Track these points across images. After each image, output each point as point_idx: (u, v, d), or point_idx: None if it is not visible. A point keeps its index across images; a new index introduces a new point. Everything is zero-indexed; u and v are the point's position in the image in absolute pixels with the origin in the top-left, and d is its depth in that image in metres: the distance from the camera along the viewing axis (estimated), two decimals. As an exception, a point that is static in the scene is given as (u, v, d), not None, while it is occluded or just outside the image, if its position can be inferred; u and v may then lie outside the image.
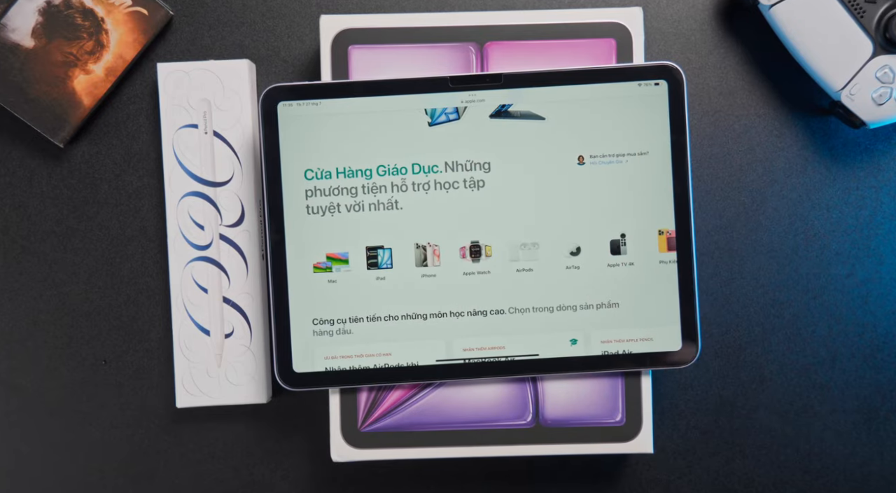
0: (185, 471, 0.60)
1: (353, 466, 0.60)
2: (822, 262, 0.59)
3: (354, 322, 0.55)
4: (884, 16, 0.54)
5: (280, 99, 0.54)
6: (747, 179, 0.59)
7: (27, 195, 0.59)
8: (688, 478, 0.60)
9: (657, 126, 0.54)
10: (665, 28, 0.59)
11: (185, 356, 0.57)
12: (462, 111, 0.54)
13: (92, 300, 0.60)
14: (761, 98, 0.59)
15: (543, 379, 0.56)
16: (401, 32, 0.55)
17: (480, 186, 0.54)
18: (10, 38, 0.57)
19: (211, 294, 0.57)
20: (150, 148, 0.59)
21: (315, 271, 0.55)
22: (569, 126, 0.54)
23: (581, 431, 0.56)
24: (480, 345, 0.55)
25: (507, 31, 0.56)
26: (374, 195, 0.55)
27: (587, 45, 0.55)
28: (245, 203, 0.57)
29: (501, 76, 0.54)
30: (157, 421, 0.60)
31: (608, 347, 0.55)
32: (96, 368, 0.60)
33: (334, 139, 0.54)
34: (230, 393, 0.57)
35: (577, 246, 0.54)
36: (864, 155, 0.59)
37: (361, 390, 0.56)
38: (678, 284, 0.54)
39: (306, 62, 0.59)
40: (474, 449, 0.56)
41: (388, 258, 0.55)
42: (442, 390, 0.56)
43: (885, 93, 0.55)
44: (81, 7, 0.57)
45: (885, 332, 0.59)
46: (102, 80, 0.58)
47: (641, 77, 0.54)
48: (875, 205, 0.59)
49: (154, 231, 0.59)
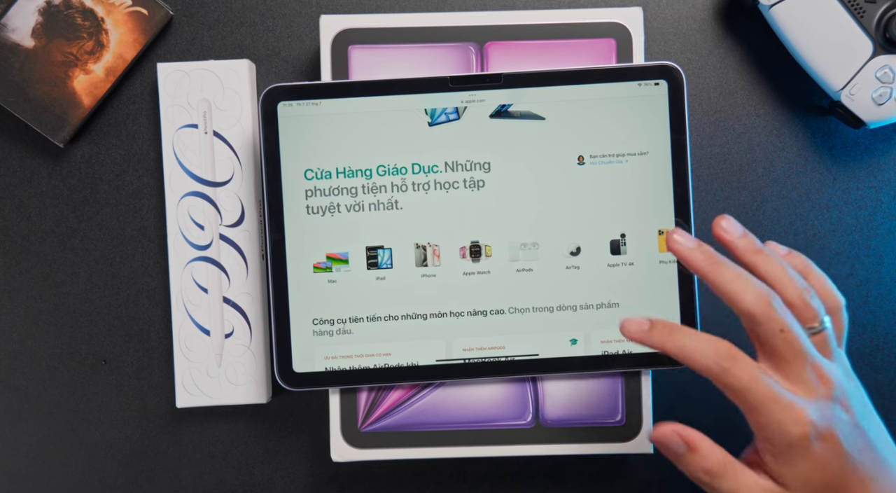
0: (185, 471, 0.60)
1: (353, 466, 0.60)
2: (822, 262, 0.59)
3: (354, 322, 0.55)
4: (884, 16, 0.54)
5: (280, 99, 0.54)
6: (747, 179, 0.59)
7: (27, 195, 0.59)
8: (687, 478, 0.60)
9: (657, 126, 0.54)
10: (665, 28, 0.59)
11: (185, 356, 0.57)
12: (462, 111, 0.54)
13: (92, 300, 0.60)
14: (761, 98, 0.59)
15: (543, 379, 0.56)
16: (401, 32, 0.55)
17: (480, 186, 0.54)
18: (10, 38, 0.57)
19: (211, 294, 0.57)
20: (150, 148, 0.59)
21: (315, 271, 0.55)
22: (569, 126, 0.54)
23: (581, 431, 0.56)
24: (480, 345, 0.55)
25: (507, 31, 0.56)
26: (374, 195, 0.55)
27: (587, 45, 0.55)
28: (245, 203, 0.57)
29: (501, 76, 0.54)
30: (157, 421, 0.60)
31: (608, 347, 0.55)
32: (96, 368, 0.60)
33: (334, 139, 0.54)
34: (230, 393, 0.57)
35: (577, 246, 0.54)
36: (864, 155, 0.59)
37: (361, 390, 0.56)
38: (678, 284, 0.54)
39: (306, 62, 0.59)
40: (474, 449, 0.56)
41: (388, 258, 0.55)
42: (442, 390, 0.56)
43: (885, 93, 0.55)
44: (81, 7, 0.57)
45: (885, 332, 0.59)
46: (102, 80, 0.58)
47: (641, 77, 0.54)
48: (875, 205, 0.59)
49: (154, 231, 0.59)
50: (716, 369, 0.43)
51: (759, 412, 0.43)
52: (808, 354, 0.44)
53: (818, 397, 0.44)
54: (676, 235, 0.46)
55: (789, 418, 0.43)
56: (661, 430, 0.45)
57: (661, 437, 0.45)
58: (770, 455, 0.44)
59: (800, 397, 0.43)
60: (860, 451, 0.44)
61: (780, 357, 0.44)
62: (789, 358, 0.44)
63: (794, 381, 0.44)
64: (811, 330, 0.45)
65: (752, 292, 0.44)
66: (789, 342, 0.43)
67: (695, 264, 0.45)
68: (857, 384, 0.47)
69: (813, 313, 0.45)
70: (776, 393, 0.43)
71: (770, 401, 0.43)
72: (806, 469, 0.43)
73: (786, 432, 0.43)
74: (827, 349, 0.46)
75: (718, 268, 0.45)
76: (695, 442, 0.45)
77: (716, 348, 0.43)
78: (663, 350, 0.44)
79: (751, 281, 0.44)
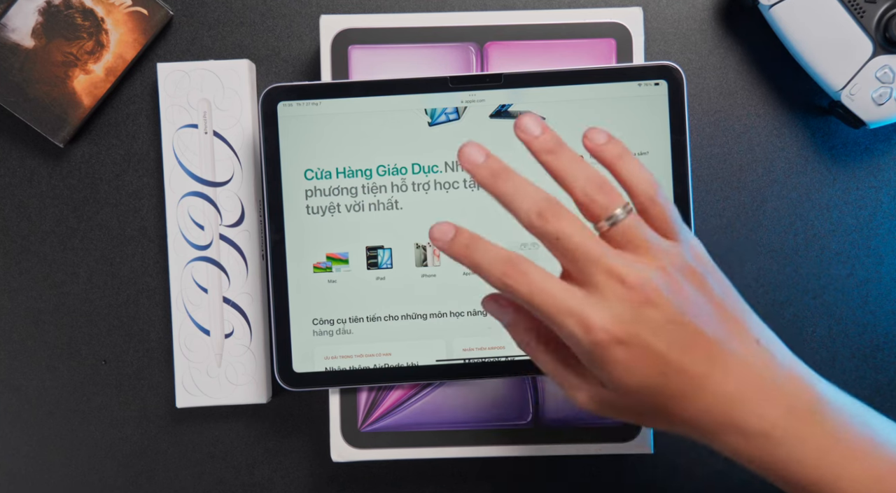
0: (185, 471, 0.60)
1: (353, 466, 0.60)
2: (822, 262, 0.59)
3: (354, 322, 0.55)
4: (884, 16, 0.54)
5: (280, 99, 0.54)
6: (747, 179, 0.59)
7: (27, 195, 0.59)
8: (688, 478, 0.60)
9: (657, 126, 0.54)
10: (665, 28, 0.59)
11: (185, 356, 0.57)
12: (462, 111, 0.54)
13: (92, 300, 0.60)
14: (761, 98, 0.59)
15: (543, 379, 0.56)
16: (401, 32, 0.55)
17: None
18: (10, 38, 0.57)
19: (211, 294, 0.57)
20: (150, 148, 0.59)
21: (315, 271, 0.55)
22: (569, 126, 0.54)
23: (581, 431, 0.56)
24: (480, 345, 0.55)
25: (507, 31, 0.56)
26: (374, 195, 0.55)
27: (587, 45, 0.56)
28: (245, 203, 0.57)
29: (501, 76, 0.54)
30: (157, 421, 0.60)
31: (608, 347, 0.55)
32: (96, 368, 0.60)
33: (334, 139, 0.54)
34: (230, 393, 0.57)
35: (577, 246, 0.54)
36: (864, 155, 0.59)
37: (361, 390, 0.56)
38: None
39: (306, 62, 0.59)
40: (474, 449, 0.56)
41: (388, 258, 0.55)
42: (442, 390, 0.56)
43: (885, 93, 0.55)
44: (81, 7, 0.57)
45: (885, 332, 0.59)
46: (102, 80, 0.58)
47: (641, 77, 0.54)
48: (875, 205, 0.59)
49: (154, 231, 0.59)
50: (502, 280, 0.41)
51: (552, 322, 0.41)
52: (593, 256, 0.41)
53: (616, 300, 0.41)
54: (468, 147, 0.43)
55: (578, 326, 0.40)
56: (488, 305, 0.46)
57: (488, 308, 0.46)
58: (583, 362, 0.42)
59: (593, 302, 0.41)
60: (682, 346, 0.41)
61: (568, 265, 0.41)
62: (574, 264, 0.41)
63: (586, 286, 0.41)
64: (608, 222, 0.42)
65: (526, 203, 0.41)
66: (567, 249, 0.41)
67: (478, 179, 0.43)
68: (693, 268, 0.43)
69: (601, 206, 0.42)
70: (561, 301, 0.41)
71: (556, 310, 0.41)
72: (616, 374, 0.41)
73: (579, 340, 0.41)
74: (636, 237, 0.42)
75: (497, 181, 0.42)
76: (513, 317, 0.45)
77: (504, 258, 0.41)
78: (461, 263, 0.43)
79: (527, 192, 0.42)
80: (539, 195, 0.42)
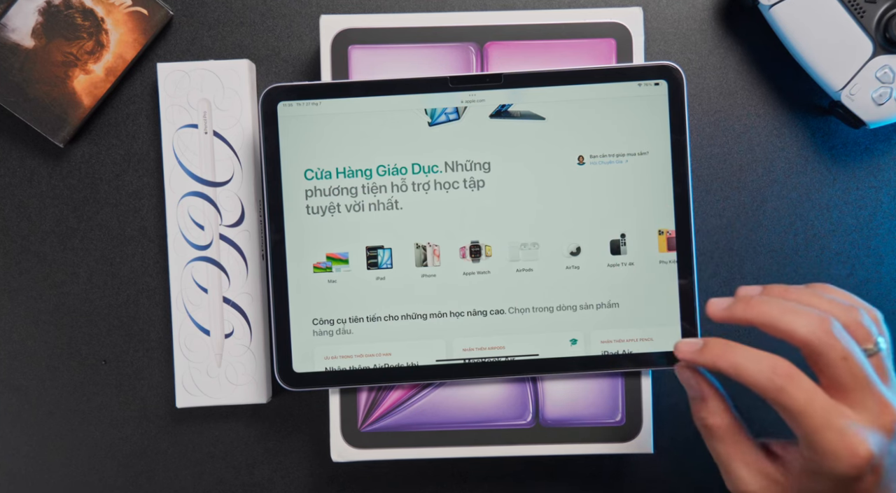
0: (185, 471, 0.60)
1: (353, 466, 0.60)
2: (822, 262, 0.59)
3: (354, 322, 0.55)
4: (884, 16, 0.54)
5: (280, 99, 0.54)
6: (747, 179, 0.59)
7: (27, 195, 0.59)
8: (688, 478, 0.60)
9: (657, 126, 0.54)
10: (665, 28, 0.59)
11: (185, 356, 0.57)
12: (462, 111, 0.54)
13: (92, 300, 0.60)
14: (761, 98, 0.59)
15: (543, 379, 0.56)
16: (401, 32, 0.55)
17: (480, 186, 0.54)
18: (10, 38, 0.57)
19: (211, 294, 0.57)
20: (150, 148, 0.59)
21: (315, 271, 0.55)
22: (569, 126, 0.54)
23: (581, 431, 0.56)
24: (480, 345, 0.55)
25: (507, 31, 0.56)
26: (374, 195, 0.55)
27: (587, 45, 0.55)
28: (245, 203, 0.57)
29: (501, 76, 0.54)
30: (157, 421, 0.60)
31: (608, 347, 0.55)
32: (96, 368, 0.60)
33: (334, 139, 0.54)
34: (230, 393, 0.57)
35: (577, 246, 0.54)
36: (864, 155, 0.59)
37: (361, 390, 0.56)
38: (678, 283, 0.54)
39: (306, 62, 0.59)
40: (474, 449, 0.56)
41: (388, 258, 0.55)
42: (442, 390, 0.56)
43: (885, 93, 0.55)
44: (81, 7, 0.57)
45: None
46: (102, 80, 0.58)
47: (641, 77, 0.54)
48: (875, 205, 0.59)
49: (154, 231, 0.59)
50: (771, 388, 0.41)
51: (813, 437, 0.40)
52: (870, 381, 0.41)
53: (878, 428, 0.41)
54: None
55: (845, 449, 0.40)
56: (684, 373, 0.45)
57: (682, 377, 0.45)
58: (809, 471, 0.41)
59: (860, 426, 0.40)
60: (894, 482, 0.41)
61: (843, 385, 0.41)
62: (852, 386, 0.41)
63: (856, 409, 0.41)
64: (867, 352, 0.42)
65: (806, 319, 0.41)
66: (852, 371, 0.41)
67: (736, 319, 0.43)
68: None
69: (866, 333, 0.42)
70: (834, 419, 0.40)
71: (826, 427, 0.40)
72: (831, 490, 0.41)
73: (840, 462, 0.40)
74: (884, 372, 0.43)
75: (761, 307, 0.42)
76: (705, 394, 0.44)
77: (772, 366, 0.41)
78: (717, 369, 0.42)
79: (801, 309, 0.41)
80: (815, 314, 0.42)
